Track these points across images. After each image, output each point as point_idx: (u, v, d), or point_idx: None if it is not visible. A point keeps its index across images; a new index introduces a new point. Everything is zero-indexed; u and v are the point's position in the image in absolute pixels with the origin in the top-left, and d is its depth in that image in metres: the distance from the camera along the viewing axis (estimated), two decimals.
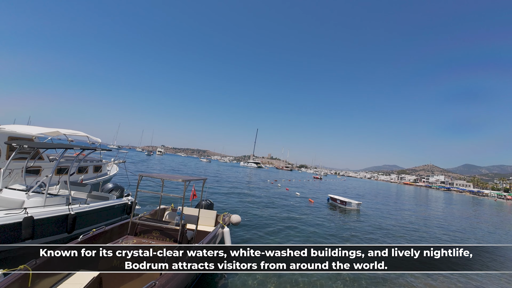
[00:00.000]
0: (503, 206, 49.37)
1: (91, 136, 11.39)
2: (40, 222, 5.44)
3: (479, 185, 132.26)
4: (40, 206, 5.73)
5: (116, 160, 15.79)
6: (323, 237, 10.12)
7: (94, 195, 7.74)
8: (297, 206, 16.98)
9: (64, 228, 5.97)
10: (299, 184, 39.98)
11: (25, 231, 5.12)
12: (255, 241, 8.55)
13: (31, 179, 7.50)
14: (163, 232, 5.08)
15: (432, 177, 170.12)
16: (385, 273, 6.71)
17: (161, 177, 5.52)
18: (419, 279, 6.77)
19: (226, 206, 13.81)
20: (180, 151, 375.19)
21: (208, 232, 6.15)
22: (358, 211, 17.49)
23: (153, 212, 7.09)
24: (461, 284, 6.86)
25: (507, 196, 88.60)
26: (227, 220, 7.54)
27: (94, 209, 6.81)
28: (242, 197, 18.18)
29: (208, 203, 8.91)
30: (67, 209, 6.03)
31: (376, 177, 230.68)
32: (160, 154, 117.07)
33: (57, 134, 9.28)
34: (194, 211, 6.86)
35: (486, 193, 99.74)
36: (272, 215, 12.93)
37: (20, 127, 8.61)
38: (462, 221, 20.30)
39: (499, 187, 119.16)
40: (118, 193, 8.62)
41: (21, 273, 3.40)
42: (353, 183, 74.42)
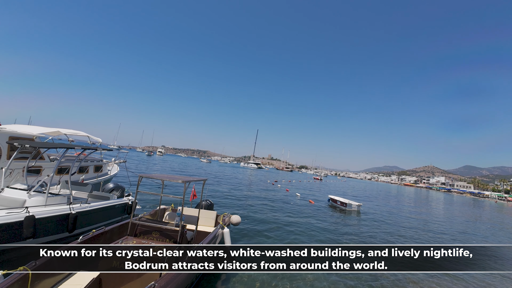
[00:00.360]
0: (503, 208, 49.24)
1: (92, 136, 11.41)
2: (41, 221, 5.46)
3: (479, 187, 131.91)
4: (41, 205, 5.76)
5: (117, 160, 15.81)
6: (323, 238, 10.11)
7: (95, 195, 7.76)
8: (297, 207, 16.98)
9: (65, 228, 5.99)
10: (299, 185, 39.96)
11: (26, 230, 5.14)
12: (255, 242, 8.55)
13: (32, 178, 7.52)
14: (162, 233, 5.07)
15: (433, 178, 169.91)
16: (385, 273, 6.71)
17: (161, 178, 5.52)
18: (419, 279, 6.77)
19: (226, 206, 13.81)
20: (180, 151, 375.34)
21: (208, 233, 6.15)
22: (358, 213, 17.46)
23: (153, 212, 7.09)
24: (461, 284, 6.86)
25: (508, 198, 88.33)
26: (227, 221, 7.53)
27: (95, 208, 6.83)
28: (242, 197, 18.17)
29: (208, 204, 8.92)
30: (68, 208, 6.05)
31: (377, 178, 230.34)
32: (161, 154, 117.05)
33: (57, 134, 9.29)
34: (194, 212, 6.85)
35: (487, 195, 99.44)
36: (272, 216, 12.93)
37: (21, 127, 8.62)
38: (462, 223, 20.26)
39: (499, 188, 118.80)
40: (119, 193, 8.64)
41: (20, 274, 3.38)
42: (353, 184, 74.31)
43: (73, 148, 7.40)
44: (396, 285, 6.36)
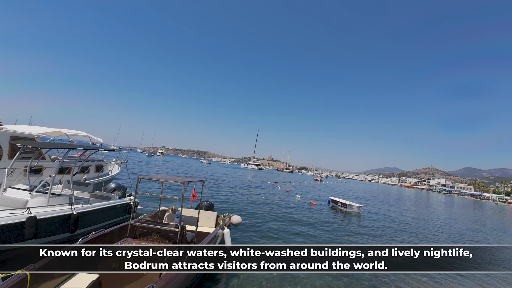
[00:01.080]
0: (504, 210, 49.12)
1: (93, 136, 11.45)
2: (43, 221, 5.48)
3: (480, 188, 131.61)
4: (43, 205, 5.78)
5: (117, 160, 15.84)
6: (323, 238, 10.11)
7: (96, 195, 7.78)
8: (298, 208, 16.98)
9: (67, 228, 6.01)
10: (300, 186, 39.94)
11: (28, 231, 5.16)
12: (255, 242, 8.56)
13: (33, 178, 7.55)
14: (162, 234, 5.07)
15: (433, 180, 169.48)
16: (385, 273, 6.71)
17: (160, 179, 5.54)
18: (419, 279, 6.77)
19: (226, 207, 13.82)
20: (180, 152, 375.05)
21: (209, 233, 6.16)
22: (358, 214, 17.45)
23: (153, 214, 7.10)
24: (461, 284, 6.86)
25: (509, 200, 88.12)
26: (227, 221, 7.54)
27: (97, 209, 6.85)
28: (242, 198, 18.18)
29: (209, 204, 8.93)
30: (70, 208, 6.08)
31: (377, 179, 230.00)
32: (161, 155, 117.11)
33: (58, 134, 9.33)
34: (194, 213, 6.84)
35: (488, 197, 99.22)
36: (273, 216, 12.94)
37: (22, 127, 8.66)
38: (462, 224, 20.22)
39: (500, 190, 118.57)
40: (121, 193, 8.66)
41: (19, 277, 3.33)
42: (353, 186, 74.23)
43: (74, 148, 7.43)
44: (396, 285, 6.36)
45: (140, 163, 44.19)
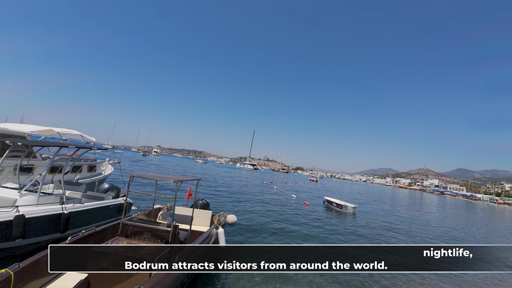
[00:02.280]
0: (494, 210, 50.09)
1: (86, 135, 11.22)
2: (32, 221, 5.30)
3: (472, 189, 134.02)
4: (33, 204, 5.60)
5: (111, 160, 15.59)
6: (319, 239, 10.09)
7: (89, 195, 7.60)
8: (292, 208, 16.95)
9: (57, 228, 5.83)
10: (295, 186, 40.00)
11: (15, 230, 4.97)
12: (250, 242, 8.48)
13: (23, 177, 7.34)
14: (154, 233, 4.98)
15: (427, 181, 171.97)
16: (385, 273, 6.70)
17: (154, 178, 5.42)
18: (420, 279, 6.79)
19: (222, 206, 13.71)
20: (176, 151, 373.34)
21: (203, 233, 6.06)
22: (354, 215, 17.52)
23: (147, 212, 6.97)
24: (461, 284, 6.90)
25: (499, 200, 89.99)
26: (222, 220, 7.44)
27: (89, 208, 6.67)
28: (238, 198, 18.09)
29: (204, 203, 8.83)
30: (61, 208, 5.90)
31: (372, 180, 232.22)
32: (156, 154, 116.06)
33: (50, 133, 9.10)
34: (189, 211, 6.73)
35: (479, 197, 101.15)
36: (268, 216, 12.88)
37: (12, 125, 8.42)
38: (455, 224, 20.50)
39: (491, 191, 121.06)
40: (114, 193, 8.49)
41: (2, 277, 3.21)
42: (348, 186, 74.73)
43: (66, 146, 7.24)
44: (396, 285, 6.36)
45: (134, 162, 43.65)
